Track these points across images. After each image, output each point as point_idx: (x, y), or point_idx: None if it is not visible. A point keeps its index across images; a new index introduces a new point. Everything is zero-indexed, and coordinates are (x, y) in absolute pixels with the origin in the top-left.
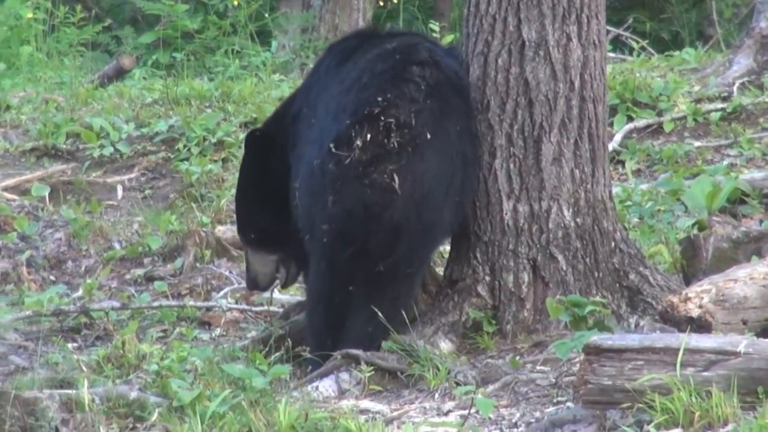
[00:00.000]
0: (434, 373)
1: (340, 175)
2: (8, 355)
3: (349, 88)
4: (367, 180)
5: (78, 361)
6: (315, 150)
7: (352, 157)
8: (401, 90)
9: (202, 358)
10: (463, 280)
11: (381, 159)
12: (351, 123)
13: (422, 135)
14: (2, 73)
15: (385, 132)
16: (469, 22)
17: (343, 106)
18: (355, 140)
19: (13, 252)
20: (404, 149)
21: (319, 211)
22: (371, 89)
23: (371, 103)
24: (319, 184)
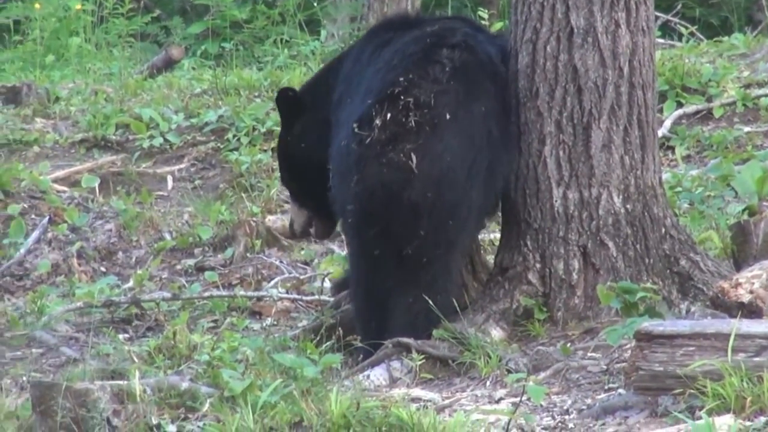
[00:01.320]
0: (485, 360)
1: (363, 155)
2: (59, 347)
3: (380, 69)
4: (385, 159)
5: (129, 352)
6: (344, 131)
7: (372, 136)
8: (425, 71)
9: (253, 348)
10: (514, 267)
11: (398, 138)
12: (373, 103)
13: (441, 115)
14: (51, 64)
15: (404, 111)
16: (518, 9)
17: (371, 87)
18: (375, 119)
19: (64, 243)
20: (422, 128)
21: (345, 192)
22: (397, 70)
23: (394, 84)
24: (346, 165)
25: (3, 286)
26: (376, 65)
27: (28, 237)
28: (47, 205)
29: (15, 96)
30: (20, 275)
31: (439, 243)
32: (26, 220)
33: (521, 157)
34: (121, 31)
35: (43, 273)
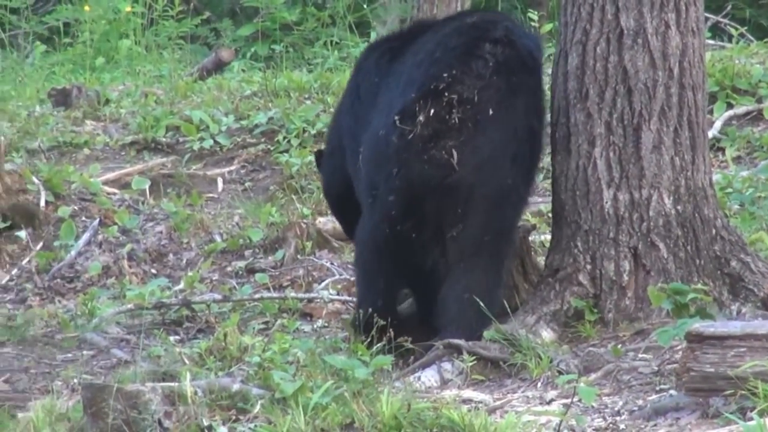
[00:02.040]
0: (536, 362)
1: (404, 149)
2: (110, 349)
3: (422, 61)
4: (426, 156)
5: (180, 354)
6: (381, 119)
7: (415, 131)
8: (468, 66)
9: (304, 350)
10: (564, 269)
11: (441, 135)
12: (416, 97)
13: (484, 111)
14: (101, 67)
15: (448, 108)
16: (567, 10)
17: (413, 79)
18: (418, 115)
19: (115, 246)
20: (465, 125)
21: (383, 182)
22: (440, 64)
23: (437, 78)
24: (384, 155)
25: (54, 289)
26: (417, 55)
27: (78, 239)
28: (98, 207)
29: (65, 98)
30: (71, 277)
31: (487, 229)
32: (77, 222)
33: (571, 158)
34: (171, 33)
35: (93, 275)
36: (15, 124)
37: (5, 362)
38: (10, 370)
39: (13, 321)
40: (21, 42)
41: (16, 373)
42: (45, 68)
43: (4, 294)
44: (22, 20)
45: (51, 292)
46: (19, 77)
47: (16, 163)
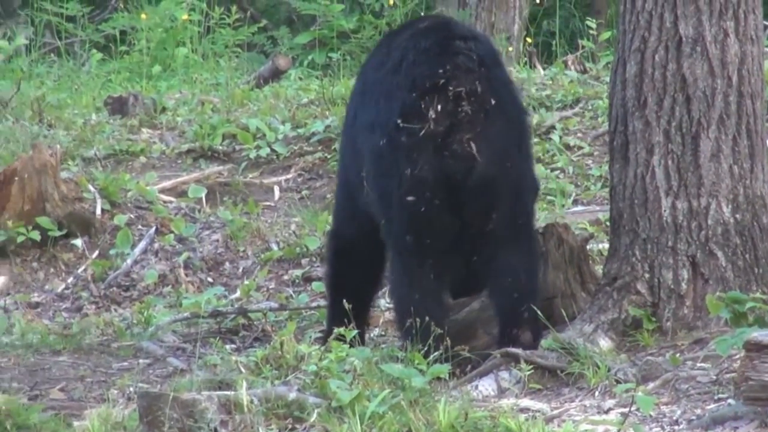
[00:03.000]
0: (594, 371)
1: (416, 147)
2: (167, 357)
3: (395, 69)
4: (447, 151)
5: (236, 363)
6: (375, 135)
7: (427, 128)
8: (455, 62)
9: (360, 359)
10: (623, 277)
11: (456, 128)
12: (418, 95)
13: (488, 101)
14: (158, 75)
15: (455, 101)
16: (626, 18)
17: (396, 85)
18: (427, 112)
19: (171, 254)
20: (476, 116)
21: (396, 189)
22: (424, 64)
23: (433, 76)
24: (391, 162)
25: (110, 297)
26: (380, 69)
27: (134, 247)
28: (154, 215)
29: (122, 106)
30: (127, 286)
31: (518, 214)
32: (133, 230)
33: (629, 166)
34: (227, 41)
35: (150, 283)
36: (71, 133)
37: (61, 371)
38: (66, 379)
39: (69, 329)
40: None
41: (72, 382)
42: (101, 76)
43: (60, 302)
44: (78, 28)
45: (107, 300)
46: (76, 85)
47: (72, 172)
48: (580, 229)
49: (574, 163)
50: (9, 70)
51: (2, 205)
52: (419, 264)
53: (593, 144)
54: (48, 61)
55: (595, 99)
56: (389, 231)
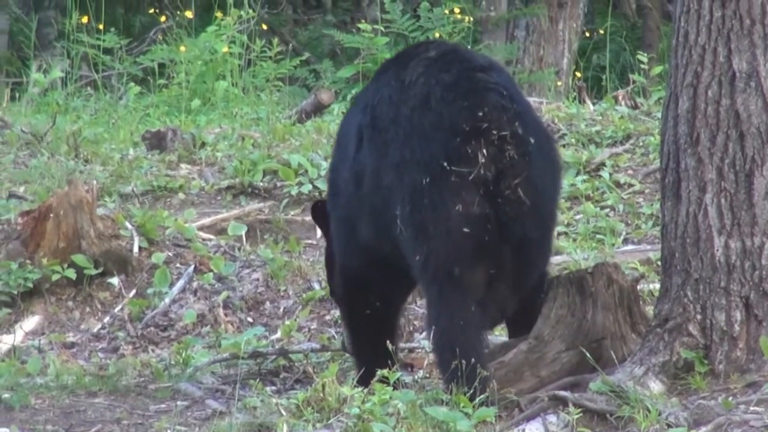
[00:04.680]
0: (645, 414)
1: (464, 187)
2: (205, 399)
3: (423, 105)
4: (500, 198)
5: (277, 405)
6: (412, 173)
7: (477, 173)
8: (489, 101)
9: (404, 401)
10: (674, 318)
11: (504, 174)
12: (462, 140)
13: (528, 142)
14: (197, 109)
15: (500, 145)
16: (678, 52)
17: (430, 125)
18: (475, 157)
19: (210, 293)
20: (522, 160)
21: (441, 224)
22: (457, 103)
23: (473, 119)
24: (437, 199)
25: (147, 337)
26: (406, 104)
27: (173, 286)
28: (193, 253)
29: (160, 141)
30: (165, 325)
31: (540, 261)
32: (171, 268)
33: (681, 204)
34: (268, 74)
35: (188, 323)
36: (108, 168)
37: (97, 413)
38: (102, 421)
39: (105, 370)
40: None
41: (108, 425)
42: (139, 110)
43: (96, 342)
44: (115, 61)
45: (144, 340)
46: (113, 119)
47: (108, 208)
48: (631, 268)
49: (625, 200)
50: (45, 104)
51: (37, 242)
52: (463, 300)
53: (644, 181)
54: (84, 94)
55: (646, 135)
56: (426, 267)
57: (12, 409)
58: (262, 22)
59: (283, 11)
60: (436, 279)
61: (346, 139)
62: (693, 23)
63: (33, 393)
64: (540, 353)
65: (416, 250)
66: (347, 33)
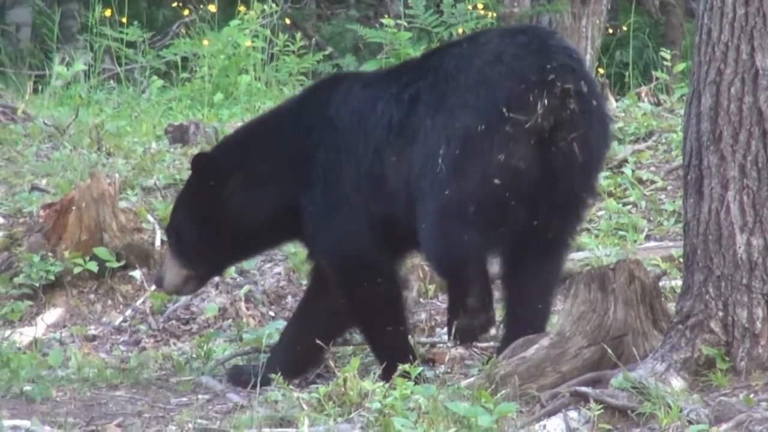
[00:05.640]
0: (666, 411)
1: (516, 137)
2: (226, 393)
3: (495, 60)
4: (554, 147)
5: (298, 399)
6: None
7: (535, 121)
8: (559, 59)
9: (426, 396)
10: (696, 315)
11: (562, 126)
12: (527, 88)
13: (591, 101)
14: (220, 102)
15: (563, 98)
16: (701, 50)
17: (499, 74)
18: (535, 105)
19: (232, 287)
20: (582, 117)
21: (479, 168)
22: (529, 58)
23: (541, 70)
24: (485, 146)
25: (168, 330)
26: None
27: None
28: None
29: (182, 135)
30: (186, 319)
31: (575, 228)
32: None
33: (703, 201)
34: (291, 69)
35: (210, 317)
36: (130, 161)
37: (118, 406)
38: (123, 414)
39: (126, 363)
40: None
41: (129, 417)
42: (162, 104)
43: (118, 335)
44: (138, 54)
45: (166, 333)
46: (135, 113)
47: (131, 201)
48: (653, 265)
49: (647, 197)
50: (67, 97)
51: (59, 235)
52: (475, 239)
53: (666, 178)
54: (107, 87)
55: (668, 132)
56: (449, 201)
57: (33, 402)
58: (285, 16)
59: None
60: (454, 214)
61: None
62: (716, 20)
63: (54, 385)
64: (561, 349)
65: (447, 185)
66: (370, 28)
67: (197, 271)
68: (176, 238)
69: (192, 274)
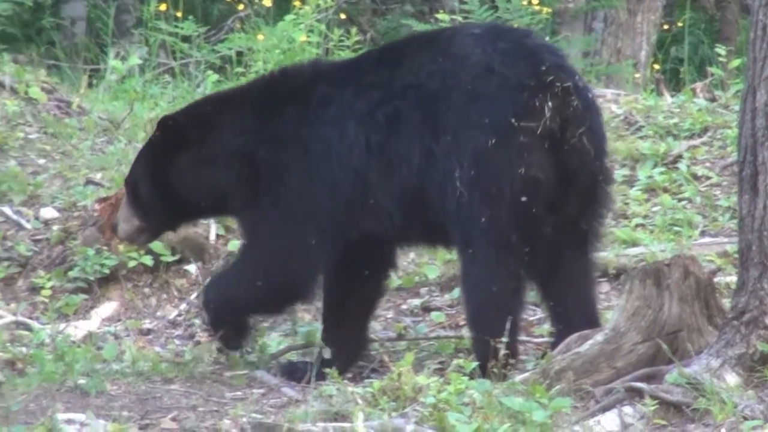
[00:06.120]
0: (721, 407)
1: (530, 145)
2: (281, 387)
3: (486, 70)
4: (567, 146)
5: (353, 393)
6: (479, 136)
7: (544, 125)
8: (548, 58)
9: (480, 391)
10: (750, 311)
11: (569, 123)
12: (530, 93)
13: (588, 93)
14: None
15: (564, 97)
16: (756, 45)
17: (496, 85)
18: (542, 109)
19: None
20: (584, 110)
21: (507, 189)
22: (521, 63)
23: (537, 73)
24: (503, 162)
25: None
26: (464, 71)
27: None
28: None
29: None
30: None
31: (605, 211)
32: None
33: (758, 198)
34: None
35: None
36: None
37: (173, 400)
38: (177, 408)
39: (181, 357)
40: (192, 71)
41: (183, 411)
42: None
43: (173, 329)
44: (193, 48)
45: None
46: None
47: None
48: (708, 261)
49: (702, 193)
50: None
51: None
52: (516, 264)
53: (722, 174)
54: (162, 81)
55: (724, 128)
56: (487, 230)
57: (88, 395)
58: (341, 11)
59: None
60: (494, 243)
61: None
62: None
63: (109, 379)
64: (616, 345)
65: (480, 213)
66: (425, 23)
67: (149, 223)
68: (132, 190)
69: (144, 226)
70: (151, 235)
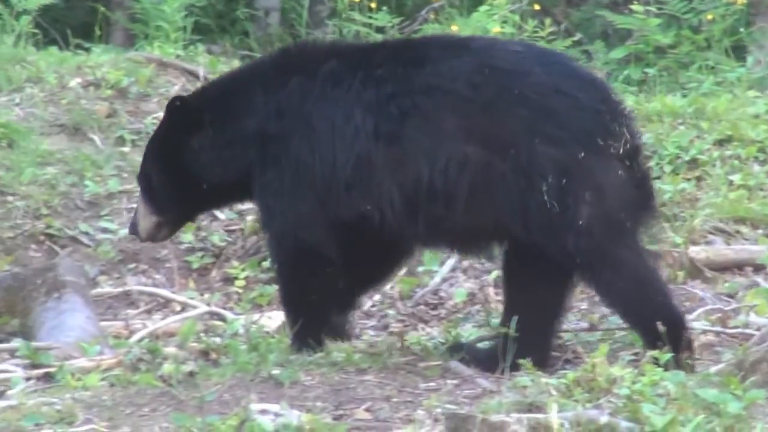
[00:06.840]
0: None
1: (601, 167)
2: (475, 378)
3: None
4: (640, 173)
5: (547, 385)
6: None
7: (620, 149)
8: (607, 86)
9: (675, 382)
10: None
11: (638, 151)
12: (610, 118)
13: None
14: None
15: (628, 121)
16: None
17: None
18: (621, 134)
19: (480, 272)
20: (638, 136)
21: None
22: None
23: (607, 99)
24: (596, 170)
25: (417, 315)
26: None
27: (443, 265)
28: None
29: None
30: (435, 304)
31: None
32: None
33: None
34: None
35: (458, 302)
36: None
37: (367, 390)
38: (371, 399)
39: (375, 348)
40: None
41: (377, 402)
42: None
43: (366, 320)
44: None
45: (414, 318)
46: None
47: None
48: None
49: None
50: None
51: None
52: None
53: None
54: None
55: None
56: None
57: (282, 386)
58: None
59: None
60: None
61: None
62: None
63: (303, 369)
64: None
65: (577, 216)
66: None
67: (166, 217)
68: (146, 184)
69: (162, 220)
70: (169, 230)
